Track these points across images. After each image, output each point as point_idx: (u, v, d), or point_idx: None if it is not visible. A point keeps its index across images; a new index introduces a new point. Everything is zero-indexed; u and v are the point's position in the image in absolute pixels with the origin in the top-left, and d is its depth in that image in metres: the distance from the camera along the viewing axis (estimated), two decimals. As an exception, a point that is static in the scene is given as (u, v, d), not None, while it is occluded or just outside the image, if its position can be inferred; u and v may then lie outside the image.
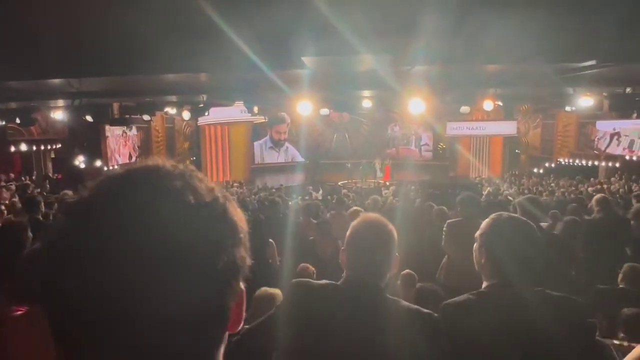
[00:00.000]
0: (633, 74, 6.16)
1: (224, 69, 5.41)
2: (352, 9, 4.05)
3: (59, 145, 14.19)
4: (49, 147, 14.21)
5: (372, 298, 1.34)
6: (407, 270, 3.73)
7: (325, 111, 8.10)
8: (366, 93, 7.58)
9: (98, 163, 13.59)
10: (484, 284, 1.47)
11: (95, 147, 13.38)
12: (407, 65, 5.39)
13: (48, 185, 11.81)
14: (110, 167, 13.87)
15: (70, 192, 8.22)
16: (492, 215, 1.48)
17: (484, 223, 1.49)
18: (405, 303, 1.40)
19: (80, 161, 13.52)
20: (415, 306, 1.41)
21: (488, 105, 7.21)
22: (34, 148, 13.60)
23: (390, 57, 5.06)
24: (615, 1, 3.42)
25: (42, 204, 4.40)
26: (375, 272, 1.38)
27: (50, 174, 14.68)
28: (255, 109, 7.85)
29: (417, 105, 6.86)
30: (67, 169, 14.09)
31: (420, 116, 17.62)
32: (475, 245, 1.50)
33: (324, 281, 1.45)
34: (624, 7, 3.43)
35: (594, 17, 3.76)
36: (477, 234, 1.50)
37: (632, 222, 4.61)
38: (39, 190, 11.26)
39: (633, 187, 12.02)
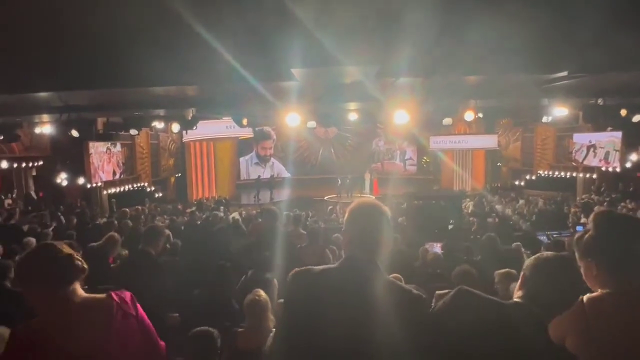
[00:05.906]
0: (603, 85, 6.47)
1: (210, 81, 5.49)
2: (336, 22, 4.19)
3: (40, 163, 13.97)
4: (30, 164, 13.97)
5: (369, 275, 1.43)
6: (395, 274, 3.83)
7: (312, 124, 8.21)
8: (352, 106, 7.75)
9: (81, 180, 13.39)
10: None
11: (79, 164, 13.18)
12: (390, 76, 5.57)
13: (30, 207, 11.57)
14: (94, 185, 13.69)
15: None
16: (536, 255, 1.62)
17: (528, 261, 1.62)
18: (399, 283, 1.52)
19: (62, 179, 13.31)
20: (409, 286, 1.51)
21: (469, 115, 7.45)
22: (15, 165, 13.35)
23: (374, 69, 5.22)
24: (586, 15, 3.64)
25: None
26: (371, 248, 1.48)
27: (32, 192, 14.40)
28: (245, 120, 7.92)
29: (401, 116, 7.04)
30: (49, 187, 13.82)
31: (405, 130, 18.05)
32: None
33: (322, 266, 1.55)
34: (595, 20, 3.66)
35: (566, 29, 3.99)
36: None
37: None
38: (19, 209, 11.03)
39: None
